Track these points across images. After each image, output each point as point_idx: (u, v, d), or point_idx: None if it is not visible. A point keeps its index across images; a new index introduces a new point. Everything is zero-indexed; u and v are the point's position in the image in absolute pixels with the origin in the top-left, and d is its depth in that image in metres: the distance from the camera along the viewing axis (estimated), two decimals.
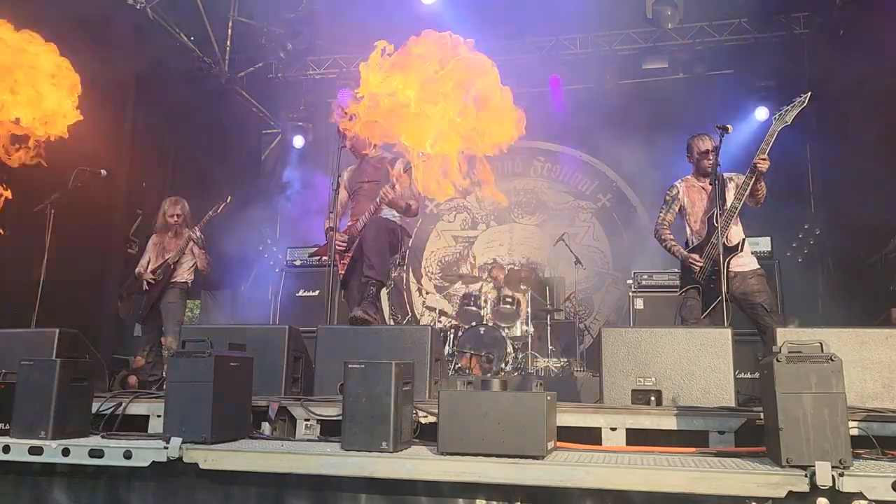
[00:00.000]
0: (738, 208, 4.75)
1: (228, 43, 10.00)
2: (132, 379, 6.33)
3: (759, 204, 4.87)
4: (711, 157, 4.89)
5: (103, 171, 5.89)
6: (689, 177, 5.13)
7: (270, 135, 11.46)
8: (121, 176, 7.75)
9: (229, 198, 6.47)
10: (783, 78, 8.94)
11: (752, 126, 8.64)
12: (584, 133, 10.07)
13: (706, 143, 4.98)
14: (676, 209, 5.12)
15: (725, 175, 4.94)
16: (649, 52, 9.65)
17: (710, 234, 4.83)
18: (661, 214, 5.19)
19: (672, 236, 5.15)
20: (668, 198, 5.18)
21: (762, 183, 4.74)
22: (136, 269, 6.51)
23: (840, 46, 8.04)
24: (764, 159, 4.61)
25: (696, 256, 4.85)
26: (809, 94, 4.58)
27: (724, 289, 4.54)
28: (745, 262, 4.82)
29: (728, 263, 4.70)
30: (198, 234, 6.35)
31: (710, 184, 4.91)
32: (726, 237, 4.75)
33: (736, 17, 9.37)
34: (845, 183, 6.93)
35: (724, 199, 4.82)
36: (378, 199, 4.87)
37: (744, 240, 4.83)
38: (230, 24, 9.97)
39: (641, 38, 9.69)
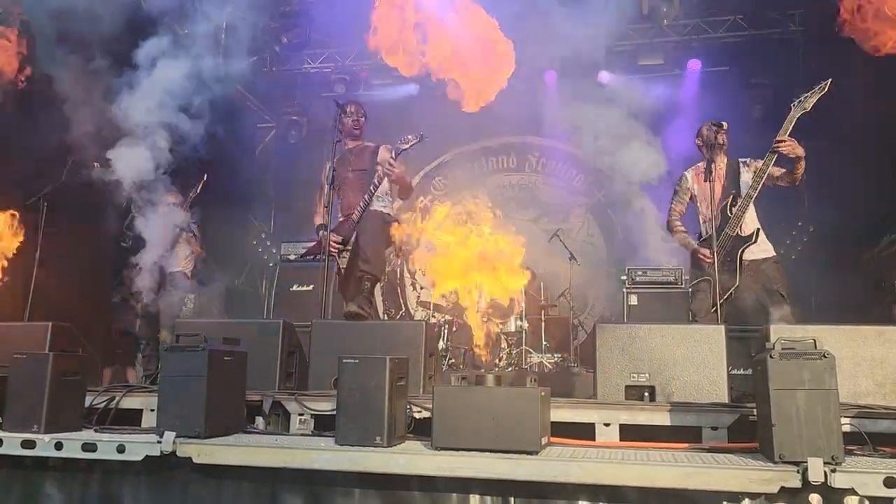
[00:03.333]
0: (754, 196, 4.68)
1: (223, 36, 9.95)
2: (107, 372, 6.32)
3: (796, 182, 4.76)
4: (718, 133, 4.85)
5: (96, 164, 5.86)
6: (699, 164, 5.00)
7: (264, 129, 11.42)
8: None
9: (206, 176, 6.37)
10: (778, 75, 8.96)
11: (746, 122, 8.65)
12: (579, 129, 10.07)
13: (712, 125, 4.95)
14: (687, 199, 5.04)
15: (740, 160, 4.84)
16: (645, 49, 9.66)
17: (724, 223, 4.75)
18: (672, 205, 5.12)
19: (683, 228, 5.07)
20: (677, 188, 5.11)
21: (801, 162, 4.63)
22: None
23: (834, 44, 8.05)
24: (783, 141, 4.54)
25: (707, 252, 4.73)
26: (830, 80, 4.52)
27: (718, 287, 4.50)
28: (759, 250, 4.74)
29: (741, 254, 4.64)
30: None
31: (728, 164, 4.83)
32: (740, 226, 4.69)
33: (731, 14, 9.38)
34: (839, 181, 6.95)
35: (737, 187, 4.74)
36: (380, 175, 4.89)
37: (758, 229, 4.75)
38: (224, 16, 9.92)
39: (637, 35, 9.68)
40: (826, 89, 4.53)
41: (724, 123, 4.98)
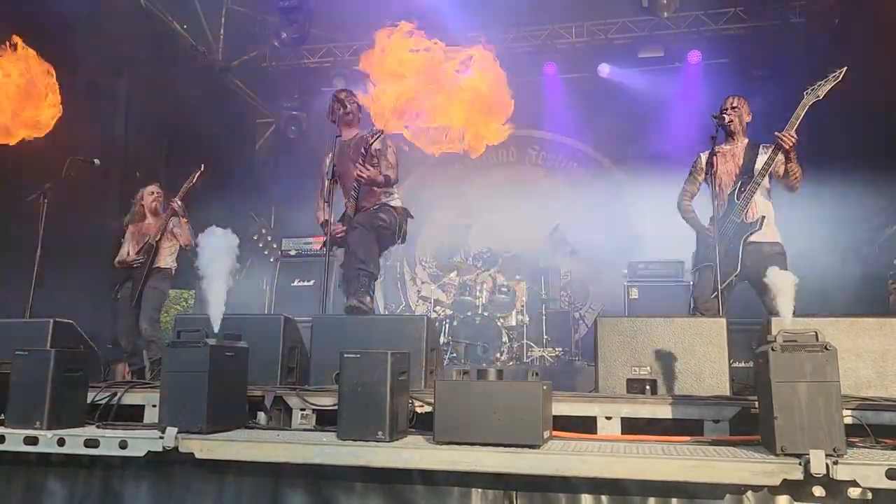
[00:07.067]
0: (760, 183, 4.61)
1: (222, 31, 9.95)
2: (121, 367, 6.29)
3: (793, 190, 4.65)
4: (729, 110, 4.77)
5: (96, 161, 5.84)
6: (719, 145, 4.79)
7: (264, 124, 11.42)
8: (114, 165, 7.71)
9: (202, 166, 6.23)
10: (778, 67, 8.93)
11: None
12: (579, 122, 10.07)
13: (727, 101, 4.87)
14: (700, 179, 4.94)
15: (762, 144, 4.77)
16: (645, 41, 9.65)
17: (731, 208, 4.70)
18: (685, 186, 5.05)
19: (693, 208, 4.99)
20: (692, 169, 5.04)
21: (793, 164, 4.48)
22: (117, 259, 6.40)
23: (835, 35, 8.04)
24: (792, 135, 4.40)
25: (711, 230, 4.62)
26: (846, 68, 4.38)
27: (719, 273, 4.44)
28: (763, 233, 4.63)
29: (745, 240, 4.58)
30: (179, 202, 6.13)
31: (748, 147, 4.75)
32: (746, 212, 4.63)
33: (732, 5, 9.36)
34: (841, 171, 6.95)
35: (751, 172, 4.67)
36: (356, 184, 4.86)
37: (764, 217, 4.64)
38: (224, 11, 9.92)
39: (637, 27, 9.66)
40: (841, 78, 4.39)
41: (735, 100, 4.88)
